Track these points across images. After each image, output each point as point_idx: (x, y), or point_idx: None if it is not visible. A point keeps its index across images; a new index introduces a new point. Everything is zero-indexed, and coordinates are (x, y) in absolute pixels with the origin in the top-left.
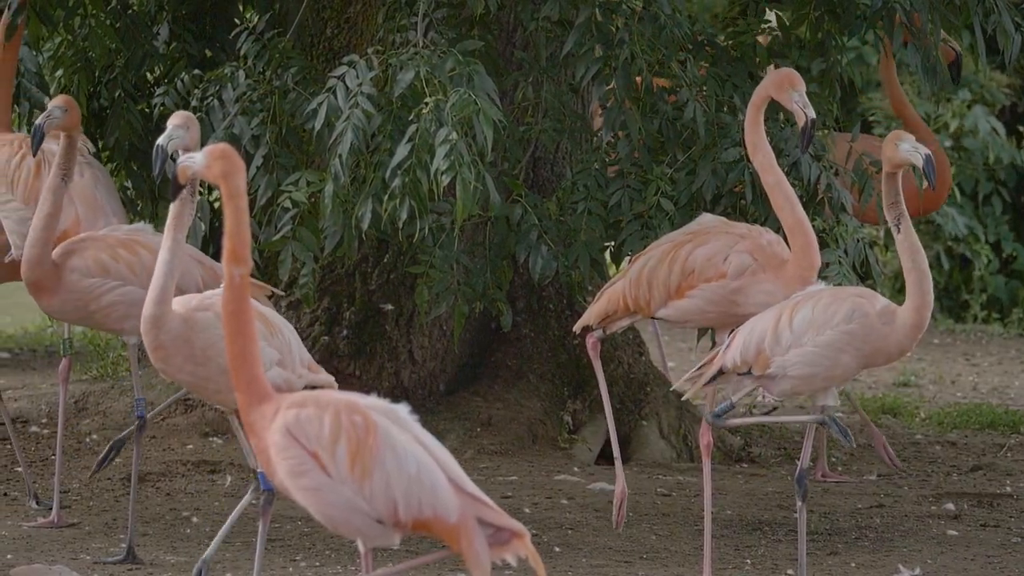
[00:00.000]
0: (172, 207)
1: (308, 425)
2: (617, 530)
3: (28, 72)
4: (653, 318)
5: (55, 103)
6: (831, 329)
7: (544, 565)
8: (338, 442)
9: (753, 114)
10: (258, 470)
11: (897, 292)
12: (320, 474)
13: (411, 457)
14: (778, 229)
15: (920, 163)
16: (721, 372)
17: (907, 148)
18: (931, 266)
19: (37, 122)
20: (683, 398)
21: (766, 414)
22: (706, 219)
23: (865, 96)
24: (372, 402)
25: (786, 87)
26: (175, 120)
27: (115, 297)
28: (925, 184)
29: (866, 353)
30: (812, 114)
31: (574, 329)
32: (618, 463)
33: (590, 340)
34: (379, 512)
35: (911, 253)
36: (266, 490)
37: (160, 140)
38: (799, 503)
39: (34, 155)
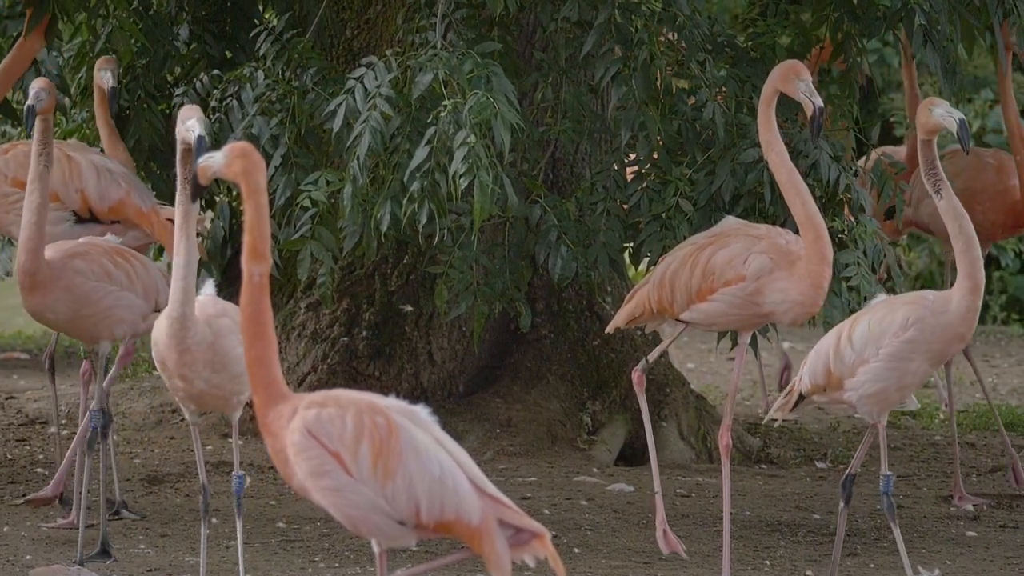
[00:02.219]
0: (178, 207)
1: (329, 425)
2: (683, 555)
3: (48, 73)
4: (679, 320)
5: (39, 86)
6: (889, 339)
7: (564, 566)
8: (361, 443)
9: (764, 111)
10: (236, 474)
11: None
12: (342, 474)
13: (434, 459)
14: (797, 230)
15: (955, 127)
16: (803, 397)
17: (940, 112)
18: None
19: (29, 103)
20: (776, 424)
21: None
22: (729, 221)
23: (886, 97)
24: (391, 403)
25: (791, 78)
26: (194, 113)
27: (113, 301)
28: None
29: (936, 350)
30: (819, 102)
31: (606, 330)
32: (659, 498)
33: (635, 375)
34: (401, 513)
35: (956, 219)
36: (237, 494)
37: (198, 131)
38: (842, 505)
39: (28, 135)
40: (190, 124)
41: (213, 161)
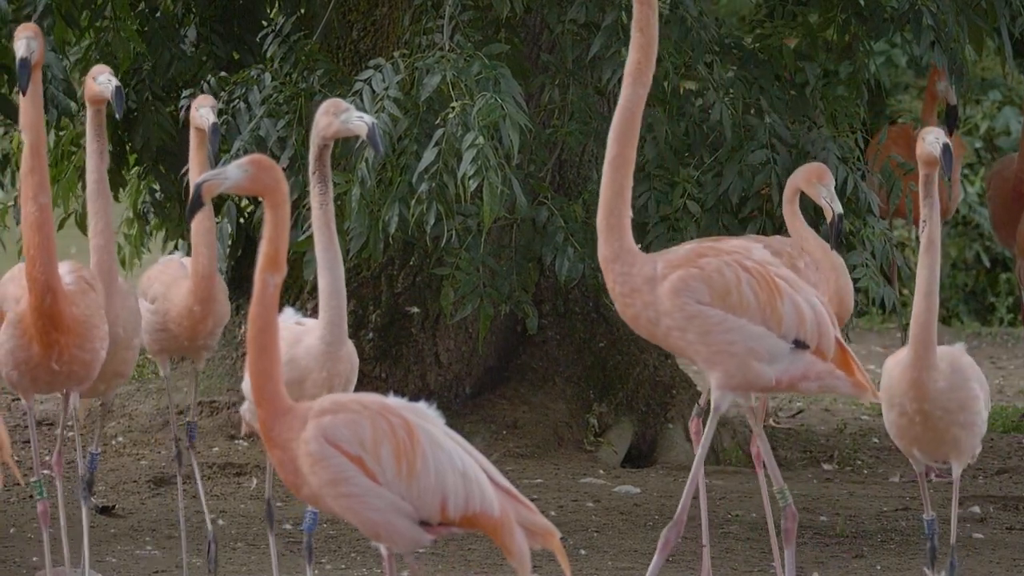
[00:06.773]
0: (317, 221)
1: (347, 430)
2: None
3: (55, 79)
4: None
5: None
6: None
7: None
8: (382, 445)
9: (788, 208)
10: (309, 510)
11: None
12: (364, 479)
13: (455, 453)
14: None
15: (937, 153)
16: None
17: (931, 140)
18: (969, 266)
19: (117, 84)
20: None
21: (792, 416)
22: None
23: (893, 98)
24: (397, 402)
25: (813, 181)
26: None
27: (138, 341)
28: None
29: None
30: (839, 209)
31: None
32: (706, 551)
33: (693, 425)
34: (427, 511)
35: (924, 268)
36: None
37: (370, 119)
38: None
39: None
40: (348, 117)
41: (224, 177)
